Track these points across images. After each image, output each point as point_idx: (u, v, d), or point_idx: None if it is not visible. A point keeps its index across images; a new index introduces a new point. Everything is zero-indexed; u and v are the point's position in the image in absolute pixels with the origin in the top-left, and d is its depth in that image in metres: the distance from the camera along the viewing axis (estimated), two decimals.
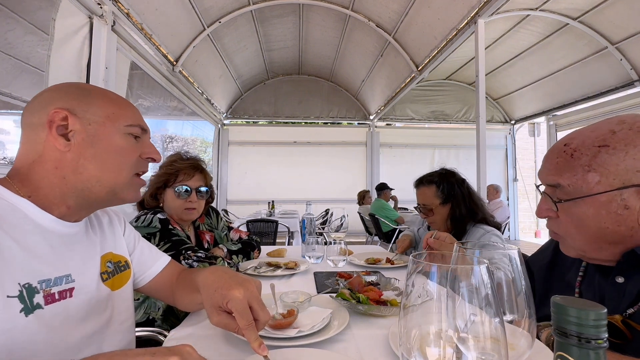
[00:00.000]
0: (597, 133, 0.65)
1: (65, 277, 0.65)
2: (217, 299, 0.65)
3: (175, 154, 1.45)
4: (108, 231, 0.83)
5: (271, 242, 3.96)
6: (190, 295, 0.87)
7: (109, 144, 0.69)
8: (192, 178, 1.39)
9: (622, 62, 4.65)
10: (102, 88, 0.77)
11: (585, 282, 0.77)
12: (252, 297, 0.64)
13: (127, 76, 3.03)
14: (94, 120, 0.68)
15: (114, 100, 0.72)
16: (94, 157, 0.67)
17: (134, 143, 0.72)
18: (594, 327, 0.30)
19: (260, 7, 4.41)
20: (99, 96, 0.71)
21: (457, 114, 7.22)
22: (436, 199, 1.56)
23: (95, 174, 0.68)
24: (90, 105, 0.69)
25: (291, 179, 7.03)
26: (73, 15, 2.25)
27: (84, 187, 0.67)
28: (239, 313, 0.62)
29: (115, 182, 0.70)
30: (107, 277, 0.76)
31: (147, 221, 1.28)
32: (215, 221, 1.65)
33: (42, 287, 0.60)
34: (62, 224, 0.69)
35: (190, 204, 1.37)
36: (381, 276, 1.22)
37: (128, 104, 0.75)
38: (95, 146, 0.67)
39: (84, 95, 0.70)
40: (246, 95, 7.01)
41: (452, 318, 0.39)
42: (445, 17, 3.62)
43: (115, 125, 0.70)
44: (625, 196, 0.61)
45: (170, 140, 6.54)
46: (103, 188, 0.69)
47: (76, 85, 0.73)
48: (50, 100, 0.67)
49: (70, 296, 0.65)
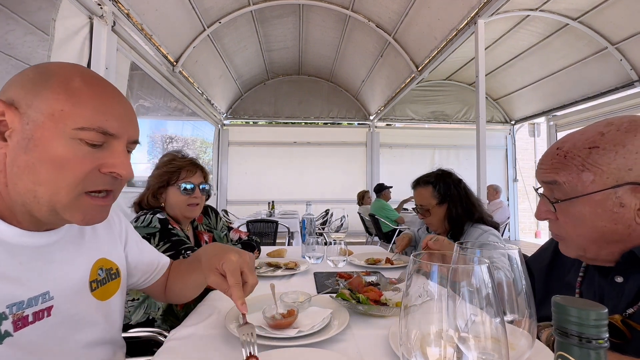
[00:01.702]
0: (586, 135, 0.68)
1: (41, 296, 0.57)
2: (214, 261, 0.71)
3: (169, 154, 1.45)
4: (104, 234, 0.76)
5: (271, 242, 3.96)
6: (183, 279, 0.88)
7: (44, 151, 0.53)
8: (194, 175, 1.40)
9: (622, 62, 4.65)
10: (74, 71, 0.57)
11: (586, 282, 0.77)
12: (244, 263, 0.71)
13: (127, 77, 3.03)
14: (33, 118, 0.52)
15: (71, 93, 0.54)
16: (27, 167, 0.53)
17: (87, 152, 0.55)
18: (594, 327, 0.30)
19: (260, 8, 4.41)
20: (54, 84, 0.54)
21: (457, 114, 7.22)
22: (433, 200, 1.57)
23: (30, 187, 0.54)
24: (36, 96, 0.53)
25: (291, 179, 7.03)
26: (73, 15, 2.25)
27: (22, 201, 0.55)
28: (230, 272, 0.68)
29: (54, 201, 0.55)
30: (96, 287, 0.69)
31: (146, 221, 1.28)
32: (214, 221, 1.64)
33: (12, 312, 0.52)
34: (33, 235, 0.58)
35: (194, 199, 1.39)
36: (381, 276, 1.22)
37: (95, 97, 0.56)
38: (29, 152, 0.52)
39: (38, 82, 0.54)
40: (246, 95, 7.01)
41: (453, 318, 0.39)
42: (445, 18, 3.63)
43: (58, 127, 0.53)
44: (619, 194, 0.63)
45: (171, 140, 6.54)
46: (41, 206, 0.55)
47: (42, 69, 0.56)
48: (6, 86, 0.55)
49: (49, 315, 0.58)
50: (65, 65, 0.58)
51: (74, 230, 0.69)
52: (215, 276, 0.71)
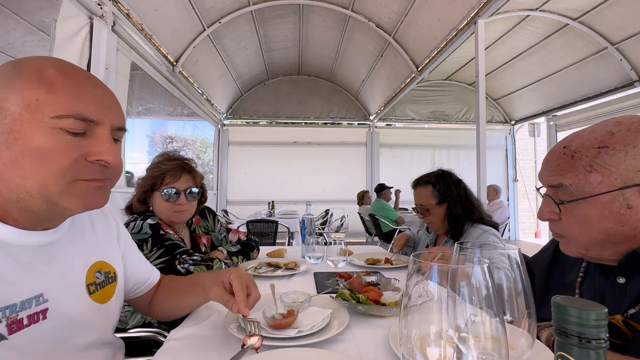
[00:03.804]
0: (595, 135, 0.66)
1: (35, 299, 0.55)
2: (221, 275, 0.79)
3: (161, 154, 1.38)
4: (102, 236, 0.74)
5: (271, 242, 3.95)
6: (175, 298, 0.88)
7: (25, 144, 0.51)
8: (179, 180, 1.31)
9: (622, 62, 4.65)
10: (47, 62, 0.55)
11: (586, 282, 0.77)
12: (249, 279, 0.79)
13: (127, 77, 3.04)
14: (10, 111, 0.51)
15: (44, 81, 0.52)
16: (11, 162, 0.52)
17: (70, 141, 0.54)
18: (594, 327, 0.30)
19: (260, 8, 4.42)
20: (27, 75, 0.52)
21: (457, 114, 7.22)
22: (432, 199, 1.57)
23: (19, 182, 0.53)
24: (10, 89, 0.51)
25: (291, 179, 7.03)
26: (74, 16, 2.25)
27: (16, 197, 0.54)
28: (237, 279, 0.75)
29: (46, 192, 0.54)
30: (94, 290, 0.67)
31: (137, 228, 1.23)
32: (211, 223, 1.60)
33: (6, 315, 0.51)
34: (31, 234, 0.57)
35: (179, 206, 1.31)
36: (381, 276, 1.22)
37: (68, 83, 0.54)
38: (11, 147, 0.51)
39: (12, 74, 0.53)
40: (246, 95, 7.01)
41: (453, 318, 0.39)
42: (445, 18, 3.63)
43: (36, 117, 0.51)
44: (627, 196, 0.62)
45: (171, 140, 6.54)
46: (35, 199, 0.54)
47: (16, 62, 0.55)
48: None
49: (44, 318, 0.56)
50: (39, 58, 0.57)
51: (74, 230, 0.67)
52: (219, 288, 0.77)
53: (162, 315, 0.92)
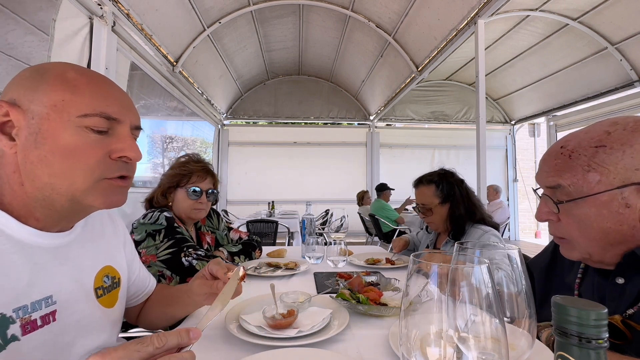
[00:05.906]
0: (591, 134, 0.66)
1: (44, 300, 0.56)
2: (200, 272, 0.81)
3: (186, 156, 1.50)
4: (111, 241, 0.76)
5: (271, 242, 3.96)
6: (163, 307, 0.88)
7: (54, 142, 0.54)
8: (204, 180, 1.44)
9: (622, 62, 4.65)
10: (67, 65, 0.58)
11: (585, 283, 0.77)
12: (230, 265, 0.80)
13: (127, 77, 3.03)
14: (37, 112, 0.53)
15: (68, 83, 0.55)
16: (40, 161, 0.54)
17: (96, 139, 0.56)
18: (594, 327, 0.30)
19: (260, 8, 4.41)
20: (50, 79, 0.55)
21: (457, 115, 7.22)
22: (435, 199, 1.56)
23: (47, 181, 0.55)
24: (36, 92, 0.54)
25: (291, 179, 7.03)
26: (73, 16, 2.25)
27: (42, 196, 0.55)
28: (214, 264, 0.78)
29: (72, 189, 0.56)
30: (102, 294, 0.68)
31: (153, 218, 1.33)
32: (215, 222, 1.68)
33: (20, 315, 0.51)
34: (45, 236, 0.58)
35: (200, 204, 1.43)
36: (381, 276, 1.22)
37: (91, 84, 0.57)
38: (40, 146, 0.53)
39: (35, 78, 0.55)
40: (246, 95, 7.01)
41: (453, 318, 0.39)
42: (445, 18, 3.63)
43: (63, 117, 0.54)
44: (625, 194, 0.62)
45: (171, 140, 6.53)
46: (61, 196, 0.56)
47: (37, 67, 0.57)
48: (6, 89, 0.56)
49: (54, 320, 0.57)
50: (58, 62, 0.60)
51: (85, 233, 0.68)
52: (200, 279, 0.79)
53: (151, 323, 0.91)
